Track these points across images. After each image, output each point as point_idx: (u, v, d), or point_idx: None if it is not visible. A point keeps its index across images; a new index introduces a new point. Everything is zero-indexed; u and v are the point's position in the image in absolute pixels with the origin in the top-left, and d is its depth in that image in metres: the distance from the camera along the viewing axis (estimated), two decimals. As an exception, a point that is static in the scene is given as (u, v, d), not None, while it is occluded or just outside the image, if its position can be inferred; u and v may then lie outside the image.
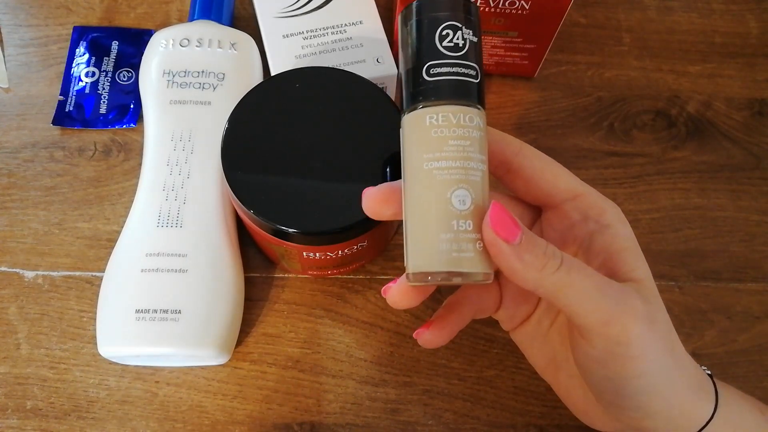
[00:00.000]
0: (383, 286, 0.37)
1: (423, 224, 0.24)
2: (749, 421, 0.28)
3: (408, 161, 0.25)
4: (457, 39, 0.24)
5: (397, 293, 0.26)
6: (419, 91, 0.24)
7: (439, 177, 0.23)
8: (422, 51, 0.24)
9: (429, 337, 0.28)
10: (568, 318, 0.25)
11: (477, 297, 0.30)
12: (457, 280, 0.24)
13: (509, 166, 0.27)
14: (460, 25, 0.24)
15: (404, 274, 0.25)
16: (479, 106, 0.24)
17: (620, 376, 0.25)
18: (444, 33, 0.24)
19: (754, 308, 0.38)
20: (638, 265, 0.26)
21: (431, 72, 0.24)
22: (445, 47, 0.24)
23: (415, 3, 0.25)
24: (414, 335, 0.29)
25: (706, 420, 0.26)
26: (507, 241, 0.22)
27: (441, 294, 0.37)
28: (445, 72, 0.24)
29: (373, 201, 0.26)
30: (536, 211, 0.29)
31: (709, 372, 0.28)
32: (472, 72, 0.24)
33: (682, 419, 0.26)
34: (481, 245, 0.23)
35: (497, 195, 0.29)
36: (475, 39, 0.25)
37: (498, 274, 0.28)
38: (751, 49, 0.46)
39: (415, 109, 0.24)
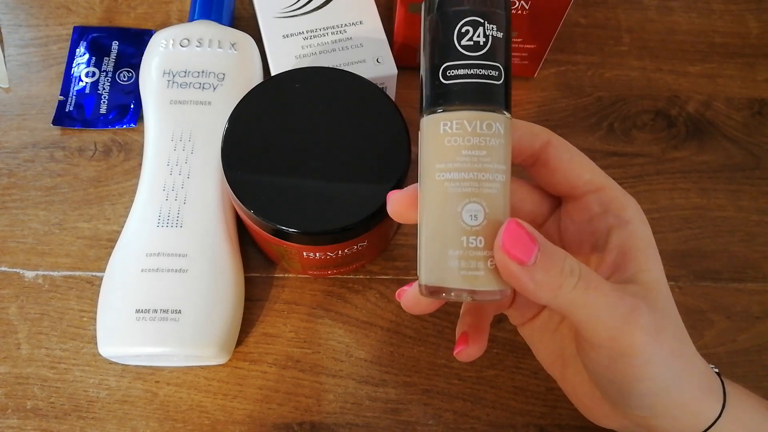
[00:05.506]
0: (384, 286, 0.38)
1: (434, 237, 0.23)
2: (757, 419, 0.28)
3: (423, 168, 0.23)
4: (478, 36, 0.22)
5: (411, 300, 0.26)
6: (435, 94, 0.22)
7: (450, 189, 0.22)
8: (439, 50, 0.22)
9: (471, 351, 0.28)
10: (576, 329, 0.26)
11: None
12: (467, 299, 0.22)
13: (536, 158, 0.26)
14: (482, 21, 0.22)
15: (417, 283, 0.25)
16: (503, 110, 0.22)
17: (625, 379, 0.25)
18: (464, 30, 0.22)
19: (754, 308, 0.38)
20: (649, 267, 0.26)
21: (448, 74, 0.22)
22: (463, 46, 0.22)
23: None
24: (455, 355, 0.29)
25: (714, 419, 0.26)
26: (520, 262, 0.21)
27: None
28: (463, 74, 0.22)
29: (399, 205, 0.25)
30: (556, 201, 0.29)
31: (717, 371, 0.28)
32: (494, 73, 0.22)
33: (690, 418, 0.26)
34: (493, 264, 0.22)
35: (517, 184, 0.28)
36: (500, 35, 0.22)
37: None
38: (751, 49, 0.46)
39: (431, 113, 0.23)
